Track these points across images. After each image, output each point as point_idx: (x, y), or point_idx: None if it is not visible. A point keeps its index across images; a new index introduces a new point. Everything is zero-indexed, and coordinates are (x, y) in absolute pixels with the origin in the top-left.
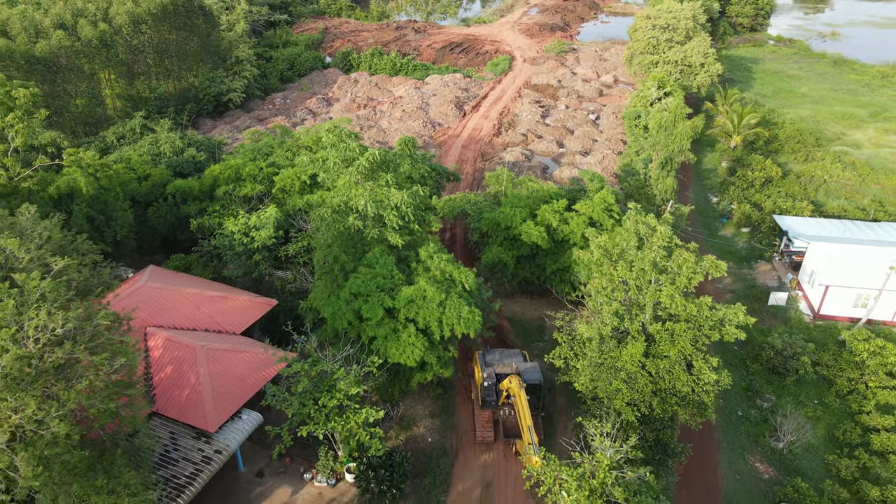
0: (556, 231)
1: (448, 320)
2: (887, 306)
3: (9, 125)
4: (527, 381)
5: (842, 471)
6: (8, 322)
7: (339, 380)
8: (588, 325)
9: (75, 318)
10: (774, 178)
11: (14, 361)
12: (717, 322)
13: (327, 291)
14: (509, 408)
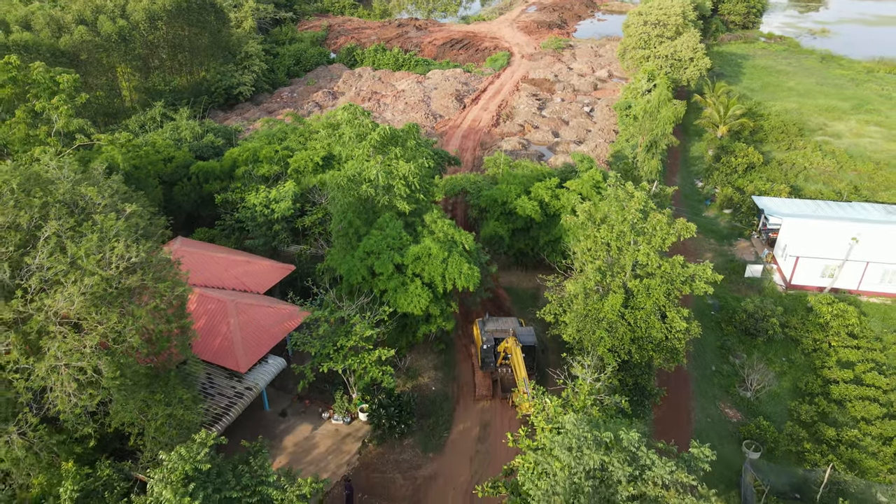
0: (548, 206)
1: (450, 275)
2: (852, 276)
3: (53, 107)
4: (522, 342)
5: (802, 415)
6: (93, 251)
7: (355, 325)
8: (574, 282)
9: (145, 252)
10: (756, 164)
11: (99, 282)
12: (688, 278)
13: (343, 252)
14: (506, 368)
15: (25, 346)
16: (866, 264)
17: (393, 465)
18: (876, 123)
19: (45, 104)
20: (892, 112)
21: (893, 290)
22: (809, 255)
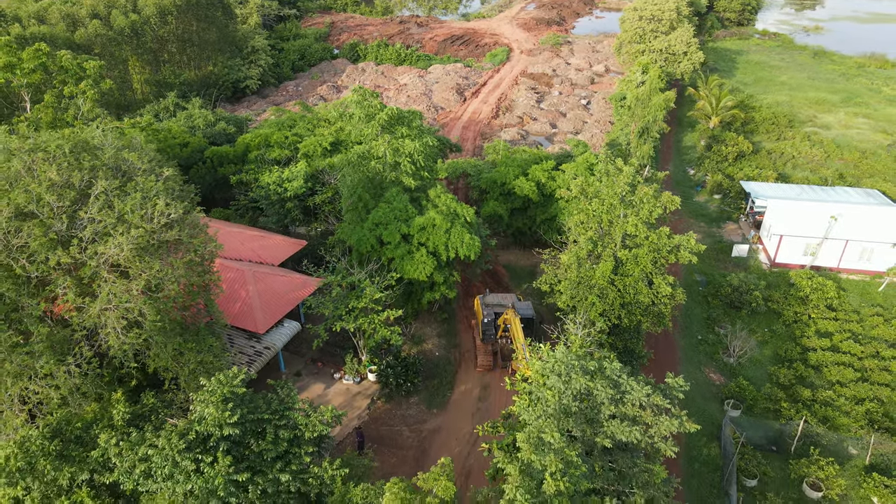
0: (544, 186)
1: (453, 244)
2: (832, 254)
3: (81, 91)
4: (522, 315)
5: (780, 378)
6: (137, 207)
7: (365, 288)
8: (568, 253)
9: (181, 210)
10: (746, 152)
11: (144, 234)
12: (673, 247)
13: (353, 224)
14: (506, 339)
15: (79, 289)
16: (846, 243)
17: (400, 419)
18: (864, 115)
19: (73, 89)
20: (880, 105)
21: (871, 267)
22: (792, 233)
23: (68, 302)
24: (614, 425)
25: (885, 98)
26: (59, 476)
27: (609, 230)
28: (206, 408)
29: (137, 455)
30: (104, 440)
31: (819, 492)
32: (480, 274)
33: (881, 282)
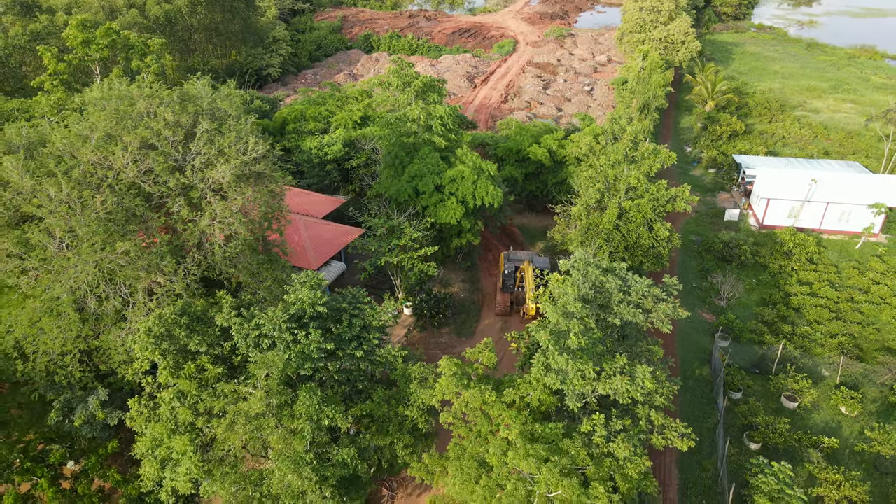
0: (555, 153)
1: (479, 194)
2: (814, 216)
3: (146, 66)
4: (538, 266)
5: (765, 316)
6: (234, 143)
7: (405, 230)
8: (578, 205)
9: (265, 147)
10: (739, 132)
11: (239, 164)
12: (671, 198)
13: (390, 178)
14: (522, 290)
15: (190, 207)
16: (826, 205)
17: (434, 345)
18: (852, 101)
19: (140, 63)
20: (867, 91)
21: (849, 227)
22: (778, 197)
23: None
24: (622, 308)
25: (872, 85)
26: (190, 342)
27: (614, 184)
28: (300, 291)
29: (251, 325)
30: (224, 316)
31: (794, 402)
32: (500, 228)
33: (858, 240)
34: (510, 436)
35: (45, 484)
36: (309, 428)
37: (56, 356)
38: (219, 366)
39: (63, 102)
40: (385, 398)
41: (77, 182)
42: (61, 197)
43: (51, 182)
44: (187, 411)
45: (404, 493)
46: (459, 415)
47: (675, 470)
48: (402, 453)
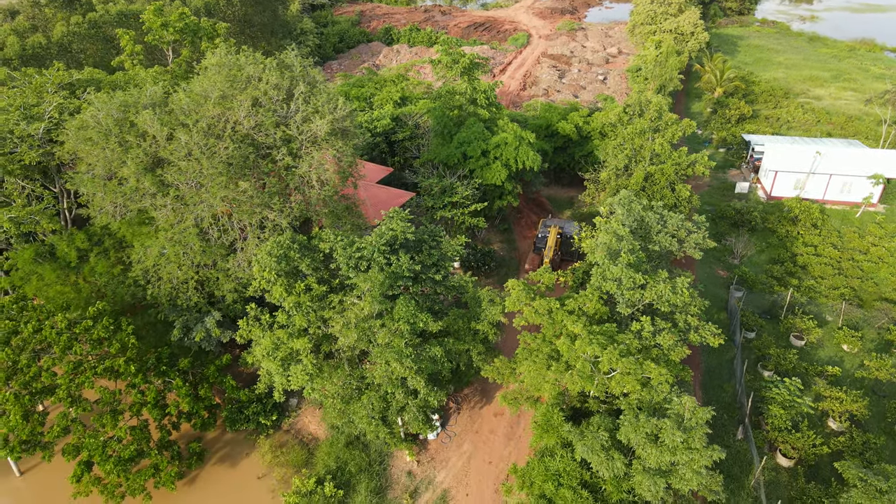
0: (581, 129)
1: (520, 158)
2: (818, 187)
3: (214, 47)
4: (568, 232)
5: (774, 272)
6: (326, 103)
7: (457, 188)
8: (606, 170)
9: (350, 109)
10: (747, 115)
11: (332, 121)
12: (691, 162)
13: (440, 145)
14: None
15: (291, 155)
16: (829, 177)
17: None
18: (852, 89)
19: (209, 45)
20: (866, 81)
21: (850, 198)
22: (785, 169)
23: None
24: (661, 237)
25: (871, 75)
26: (301, 264)
27: (640, 151)
28: (392, 222)
29: (353, 248)
30: (329, 242)
31: (801, 341)
32: (531, 198)
33: (858, 210)
34: (574, 331)
35: (179, 382)
36: (407, 328)
37: (178, 283)
38: (323, 285)
39: (159, 74)
40: (459, 315)
41: (203, 132)
42: (192, 144)
43: (182, 132)
44: (303, 318)
45: (468, 407)
46: (529, 322)
47: (699, 391)
48: (476, 359)
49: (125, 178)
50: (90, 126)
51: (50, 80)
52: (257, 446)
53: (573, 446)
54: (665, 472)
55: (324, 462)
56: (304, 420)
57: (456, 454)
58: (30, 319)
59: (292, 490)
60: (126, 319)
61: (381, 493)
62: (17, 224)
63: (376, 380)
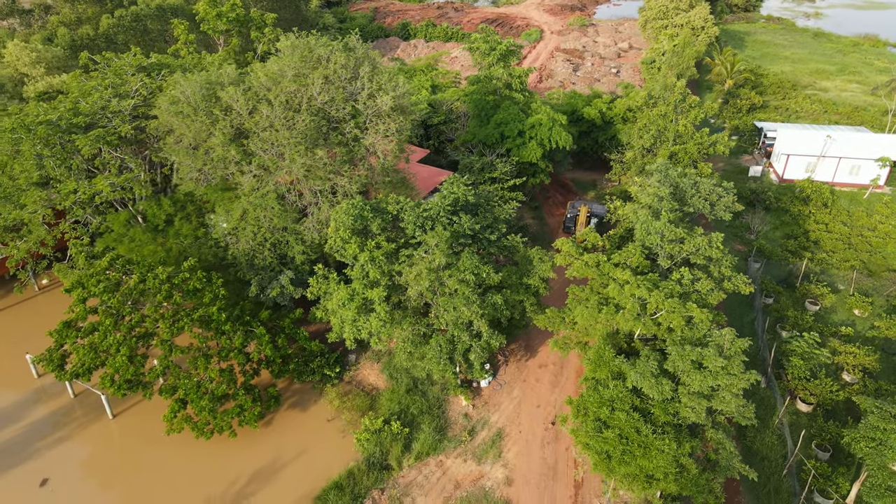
0: (605, 114)
1: (554, 137)
2: (828, 170)
3: (264, 36)
4: (596, 212)
5: (789, 246)
6: (388, 81)
7: (497, 165)
8: (632, 150)
9: (409, 86)
10: (757, 105)
11: (394, 97)
12: (712, 142)
13: (477, 127)
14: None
15: (359, 128)
16: (839, 160)
17: None
18: (857, 82)
19: (258, 34)
20: (871, 74)
21: (858, 181)
22: (797, 153)
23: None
24: (695, 200)
25: (875, 69)
26: (373, 224)
27: (664, 132)
28: (453, 186)
29: (420, 209)
30: (397, 205)
31: (816, 306)
32: (561, 176)
33: (866, 191)
34: (623, 279)
35: (262, 331)
36: (472, 278)
37: (255, 244)
38: (391, 244)
39: (226, 59)
40: (512, 272)
41: (283, 106)
42: (273, 116)
43: (265, 105)
44: (376, 271)
45: (514, 360)
46: (578, 275)
47: None
48: (529, 309)
49: (211, 148)
50: (181, 101)
51: (128, 63)
52: (324, 394)
53: (624, 377)
54: (707, 395)
55: (387, 406)
56: (364, 373)
57: (507, 399)
58: (133, 272)
59: (362, 428)
60: (215, 274)
61: (443, 431)
62: (115, 189)
63: (442, 325)
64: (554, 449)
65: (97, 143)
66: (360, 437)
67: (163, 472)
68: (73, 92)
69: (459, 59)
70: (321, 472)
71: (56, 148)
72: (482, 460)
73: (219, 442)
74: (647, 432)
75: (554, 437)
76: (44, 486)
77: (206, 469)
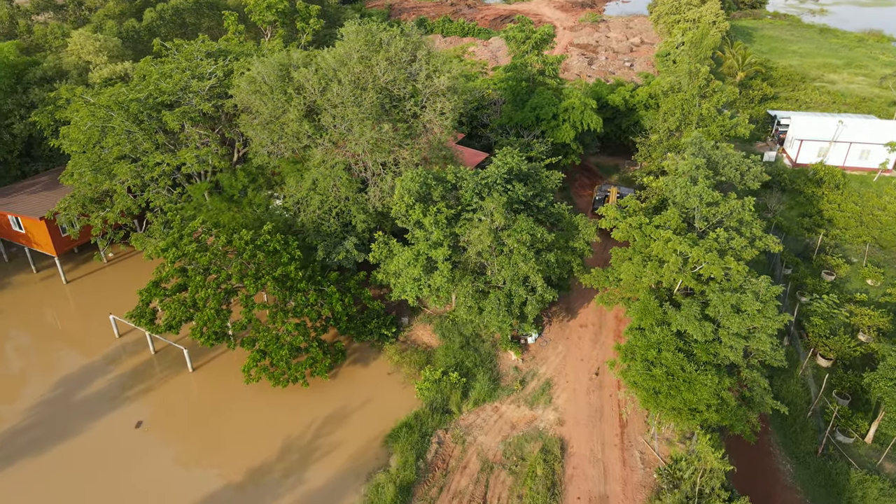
0: (627, 101)
1: (585, 120)
2: (839, 155)
3: (309, 26)
4: (623, 193)
5: (804, 224)
6: (443, 63)
7: (534, 145)
8: (659, 132)
9: (459, 69)
10: (769, 95)
11: (450, 78)
12: (733, 125)
13: (513, 110)
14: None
15: (418, 105)
16: (849, 145)
17: None
18: (863, 75)
19: (304, 25)
20: (876, 68)
21: (869, 165)
22: (809, 138)
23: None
24: (727, 170)
25: (881, 63)
26: (434, 192)
27: (688, 115)
28: (508, 156)
29: (479, 177)
30: (452, 175)
31: (832, 276)
32: (588, 158)
33: (875, 175)
34: (666, 236)
35: (332, 289)
36: (528, 238)
37: (321, 212)
38: (451, 210)
39: (281, 46)
40: (559, 236)
41: (351, 84)
42: (343, 94)
43: (335, 84)
44: (440, 233)
45: (557, 321)
46: (622, 237)
47: None
48: (577, 269)
49: (285, 123)
50: (258, 81)
51: (197, 49)
52: (383, 351)
53: (668, 324)
54: (745, 336)
55: (443, 361)
56: (417, 334)
57: (553, 353)
58: (220, 234)
59: (422, 379)
60: (291, 237)
61: (496, 382)
62: (198, 160)
63: (499, 282)
64: (599, 395)
65: (182, 119)
66: (421, 386)
67: (243, 416)
68: (152, 74)
69: (477, 53)
70: (388, 417)
71: (144, 123)
72: (534, 405)
73: (291, 392)
74: (691, 369)
75: (598, 385)
76: (139, 427)
77: (282, 414)
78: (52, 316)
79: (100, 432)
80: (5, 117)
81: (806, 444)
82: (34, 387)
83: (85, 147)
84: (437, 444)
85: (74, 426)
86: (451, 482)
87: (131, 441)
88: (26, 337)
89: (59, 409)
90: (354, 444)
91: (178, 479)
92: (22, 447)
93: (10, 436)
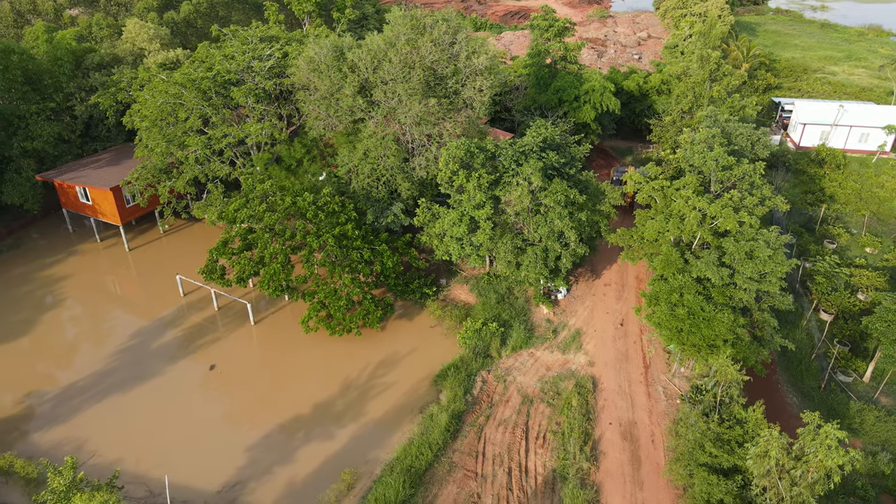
0: (641, 87)
1: (605, 102)
2: (840, 138)
3: (345, 15)
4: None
5: (807, 199)
6: (480, 45)
7: (558, 125)
8: (672, 114)
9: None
10: (773, 85)
11: (487, 58)
12: (741, 107)
13: (536, 93)
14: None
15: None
16: (850, 128)
17: None
18: (863, 67)
19: (339, 14)
20: (876, 60)
21: (868, 147)
22: (812, 122)
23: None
24: (739, 139)
25: (880, 56)
26: (475, 160)
27: (699, 98)
28: (542, 128)
29: (516, 146)
30: (491, 145)
31: (833, 244)
32: (603, 141)
33: (874, 157)
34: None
35: (384, 248)
36: (563, 198)
37: (371, 180)
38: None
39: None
40: (587, 200)
41: (401, 63)
42: (394, 72)
43: (386, 63)
44: (483, 195)
45: (583, 280)
46: (644, 200)
47: None
48: (604, 229)
49: (340, 98)
50: (315, 60)
51: (253, 34)
52: (425, 308)
53: (689, 271)
54: (757, 279)
55: (481, 314)
56: (455, 293)
57: (581, 307)
58: (286, 196)
59: (464, 329)
60: (347, 199)
61: (531, 331)
62: (261, 132)
63: (536, 240)
64: (624, 342)
65: (248, 95)
66: (464, 335)
67: (304, 361)
68: (215, 56)
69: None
70: (434, 361)
71: (213, 99)
72: (566, 351)
73: (346, 340)
74: (710, 309)
75: (623, 334)
76: (213, 370)
77: (338, 360)
78: (121, 278)
79: (178, 374)
80: (67, 100)
81: (810, 381)
82: (115, 337)
83: (156, 122)
84: (482, 382)
85: (155, 368)
86: (496, 412)
87: (207, 380)
88: (100, 297)
89: (138, 356)
90: (406, 384)
91: (253, 411)
92: (110, 387)
93: (97, 377)
